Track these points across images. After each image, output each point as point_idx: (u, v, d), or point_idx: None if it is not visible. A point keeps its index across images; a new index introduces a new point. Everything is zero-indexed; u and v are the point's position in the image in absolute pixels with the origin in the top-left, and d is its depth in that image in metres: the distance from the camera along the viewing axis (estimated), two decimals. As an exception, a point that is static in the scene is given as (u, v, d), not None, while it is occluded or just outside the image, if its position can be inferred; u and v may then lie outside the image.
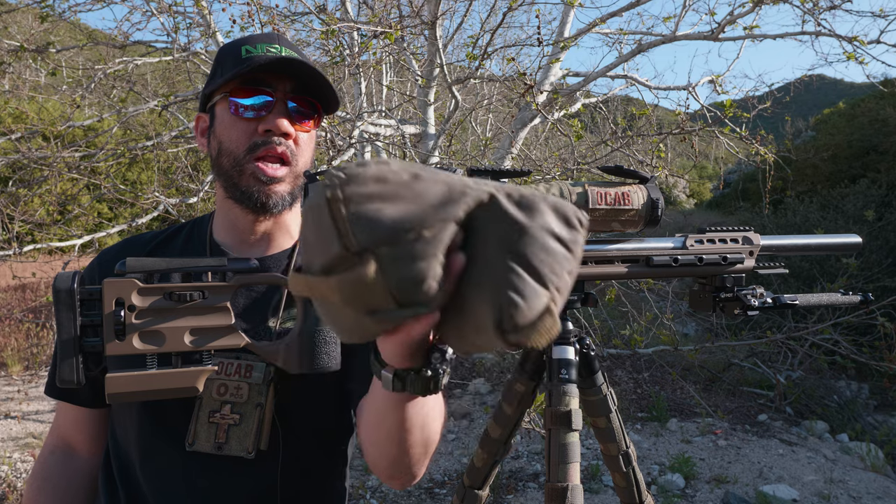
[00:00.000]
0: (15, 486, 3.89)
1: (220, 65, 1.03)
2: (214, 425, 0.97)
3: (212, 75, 1.05)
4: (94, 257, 1.11)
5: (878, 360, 4.92)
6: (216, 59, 1.06)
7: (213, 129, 1.03)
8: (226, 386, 0.97)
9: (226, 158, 1.01)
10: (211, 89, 1.03)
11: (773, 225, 8.97)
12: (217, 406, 0.97)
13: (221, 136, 1.01)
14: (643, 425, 4.84)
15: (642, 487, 1.10)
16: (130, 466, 1.02)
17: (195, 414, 0.97)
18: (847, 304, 1.14)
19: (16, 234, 4.80)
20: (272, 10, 4.22)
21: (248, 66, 0.95)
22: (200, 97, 1.08)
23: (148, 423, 1.00)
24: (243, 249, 1.07)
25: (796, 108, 8.91)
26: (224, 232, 1.08)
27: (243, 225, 1.05)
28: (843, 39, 4.40)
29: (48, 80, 6.36)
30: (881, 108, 12.13)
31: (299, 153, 1.02)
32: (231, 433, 0.97)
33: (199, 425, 0.97)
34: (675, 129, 4.34)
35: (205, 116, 1.07)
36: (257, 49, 1.00)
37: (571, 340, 1.05)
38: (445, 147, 4.92)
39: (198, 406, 0.98)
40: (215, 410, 0.97)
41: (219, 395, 0.97)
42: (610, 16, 4.86)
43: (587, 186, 0.97)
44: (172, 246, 1.10)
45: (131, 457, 1.02)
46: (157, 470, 0.99)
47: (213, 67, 1.06)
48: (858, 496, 3.68)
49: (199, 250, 1.07)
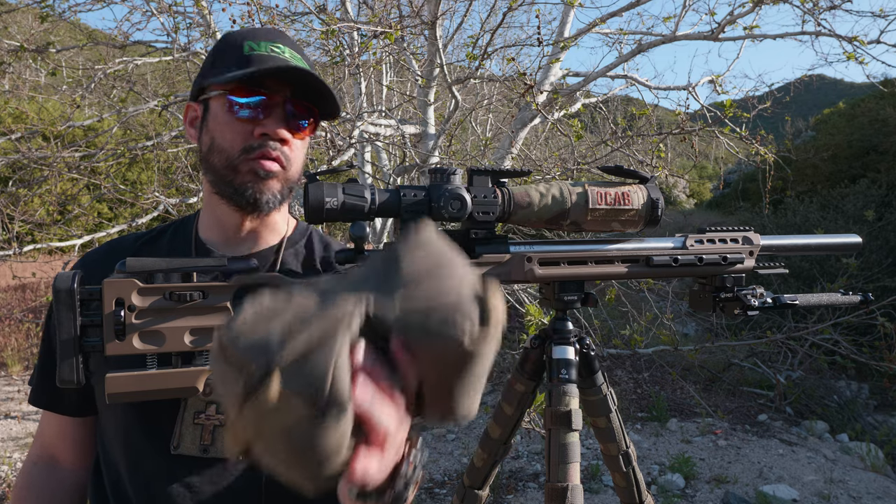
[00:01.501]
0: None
1: (220, 56, 0.99)
2: (200, 427, 0.95)
3: (209, 64, 1.01)
4: (77, 260, 1.08)
5: (878, 360, 4.92)
6: (215, 48, 1.01)
7: (205, 122, 1.00)
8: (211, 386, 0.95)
9: (217, 156, 0.98)
10: (208, 82, 0.98)
11: (773, 225, 8.97)
12: (202, 407, 0.95)
13: (215, 133, 0.98)
14: (643, 425, 4.84)
15: (642, 487, 1.10)
16: (120, 476, 0.99)
17: (180, 416, 0.95)
18: (847, 304, 1.14)
19: (16, 234, 4.80)
20: (272, 10, 4.22)
21: (251, 71, 0.92)
22: (193, 85, 1.03)
23: (133, 428, 0.97)
24: (229, 247, 1.05)
25: (796, 108, 8.91)
26: (210, 230, 1.06)
27: (230, 222, 1.04)
28: (843, 39, 4.40)
29: (48, 80, 6.36)
30: (881, 108, 12.13)
31: (293, 158, 1.00)
32: (216, 434, 0.95)
33: (185, 427, 0.95)
34: (675, 129, 4.34)
35: (196, 106, 1.03)
36: (260, 47, 0.97)
37: (571, 340, 1.06)
38: (445, 147, 4.92)
39: (183, 407, 0.95)
40: (200, 411, 0.95)
41: (204, 396, 0.95)
42: (610, 16, 4.86)
43: (587, 186, 0.97)
44: (158, 246, 1.08)
45: (119, 466, 0.99)
46: (143, 476, 0.96)
47: (212, 56, 1.01)
48: (858, 496, 3.68)
49: (185, 249, 1.05)
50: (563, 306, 1.04)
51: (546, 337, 1.07)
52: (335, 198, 0.84)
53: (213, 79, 0.97)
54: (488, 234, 0.94)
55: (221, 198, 1.00)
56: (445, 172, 0.90)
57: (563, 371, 1.01)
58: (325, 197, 0.83)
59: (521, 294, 5.05)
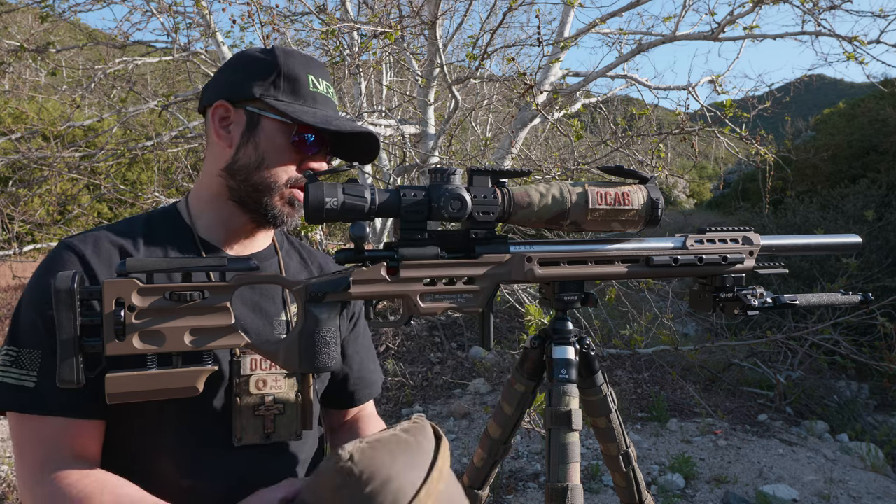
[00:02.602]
0: (15, 486, 3.88)
1: (278, 74, 1.01)
2: (261, 417, 1.02)
3: (259, 75, 1.01)
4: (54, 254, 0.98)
5: (878, 360, 4.91)
6: (270, 62, 1.01)
7: (254, 136, 1.01)
8: (264, 380, 1.03)
9: (260, 174, 1.01)
10: (266, 99, 1.00)
11: (773, 225, 8.96)
12: (259, 400, 1.02)
13: (266, 153, 1.01)
14: (643, 425, 4.84)
15: (642, 487, 1.10)
16: (162, 479, 0.96)
17: (237, 412, 1.00)
18: (847, 304, 1.14)
19: (16, 234, 4.81)
20: (272, 10, 4.23)
21: (338, 131, 1.00)
22: (231, 86, 1.02)
23: (190, 433, 0.98)
24: (232, 247, 1.08)
25: (796, 108, 8.92)
26: (211, 229, 1.06)
27: (237, 225, 1.06)
28: (843, 39, 4.40)
29: (48, 80, 6.36)
30: (881, 108, 12.13)
31: None
32: (277, 422, 1.04)
33: (245, 420, 1.01)
34: (675, 129, 4.35)
35: (234, 110, 1.02)
36: (320, 86, 1.05)
37: (571, 340, 1.06)
38: (445, 147, 4.92)
39: (237, 404, 1.00)
40: (258, 404, 1.02)
41: (258, 390, 1.02)
42: (610, 16, 4.86)
43: (587, 186, 0.97)
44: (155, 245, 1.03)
45: (162, 468, 0.97)
46: (201, 472, 0.98)
47: (264, 67, 1.01)
48: (858, 496, 3.68)
49: (190, 249, 1.04)
50: (563, 306, 1.04)
51: (546, 337, 1.07)
52: (335, 198, 0.84)
53: (285, 105, 1.00)
54: (488, 234, 0.94)
55: (239, 205, 1.04)
56: (445, 172, 0.90)
57: (563, 371, 1.01)
58: (325, 197, 0.83)
59: (521, 294, 5.05)
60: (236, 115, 1.02)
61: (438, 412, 5.12)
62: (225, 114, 1.03)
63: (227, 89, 1.03)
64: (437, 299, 0.91)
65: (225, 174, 1.03)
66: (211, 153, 1.06)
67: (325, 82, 1.07)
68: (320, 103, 1.04)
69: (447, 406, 5.21)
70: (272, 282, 0.91)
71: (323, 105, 1.04)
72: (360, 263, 0.88)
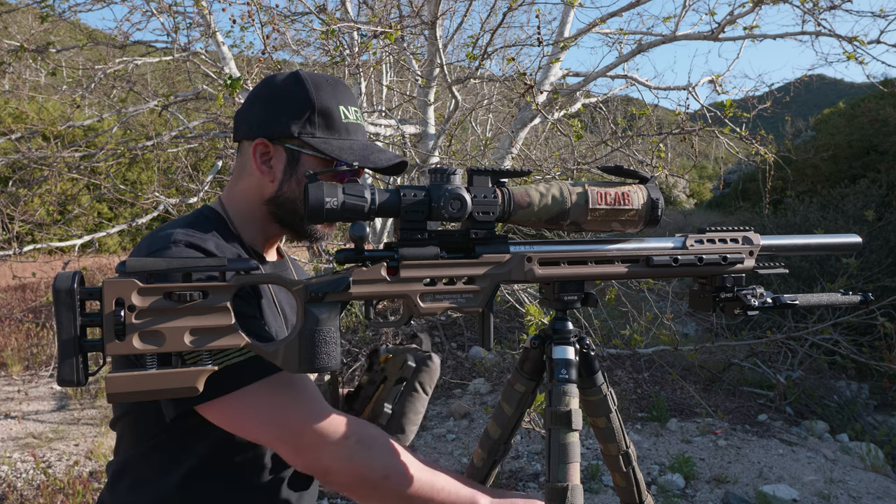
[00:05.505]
0: (15, 486, 3.87)
1: (312, 111, 1.06)
2: None
3: (294, 114, 1.05)
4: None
5: (878, 360, 4.91)
6: (303, 98, 1.06)
7: (295, 172, 1.07)
8: None
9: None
10: (304, 137, 1.05)
11: (773, 225, 8.96)
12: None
13: None
14: (643, 425, 4.84)
15: (642, 487, 1.10)
16: (243, 482, 1.06)
17: None
18: (847, 304, 1.14)
19: (16, 234, 4.80)
20: (272, 10, 4.23)
21: (369, 164, 1.05)
22: (268, 124, 1.07)
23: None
24: (269, 255, 1.20)
25: (796, 108, 8.90)
26: (256, 240, 1.14)
27: (274, 238, 1.17)
28: (843, 39, 4.40)
29: (48, 80, 6.36)
30: (881, 108, 12.13)
31: None
32: None
33: None
34: (675, 129, 4.35)
35: (273, 147, 1.07)
36: (350, 114, 1.10)
37: (571, 340, 1.06)
38: (445, 147, 4.92)
39: None
40: None
41: None
42: (610, 16, 4.86)
43: (587, 186, 0.97)
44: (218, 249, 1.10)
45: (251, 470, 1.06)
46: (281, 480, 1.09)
47: (298, 104, 1.06)
48: (858, 496, 3.68)
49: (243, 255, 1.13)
50: (563, 306, 1.04)
51: (546, 337, 1.07)
52: (335, 198, 0.84)
53: (323, 144, 1.06)
54: (488, 234, 0.94)
55: (281, 226, 1.13)
56: (445, 172, 0.91)
57: (563, 371, 1.01)
58: (325, 197, 0.83)
59: (521, 294, 5.05)
60: (276, 152, 1.08)
61: (438, 412, 5.12)
62: (265, 150, 1.08)
63: (264, 127, 1.08)
64: (437, 299, 0.91)
65: (271, 204, 1.10)
66: (251, 182, 1.10)
67: (353, 109, 1.12)
68: (353, 133, 1.10)
69: (447, 406, 5.21)
70: (272, 282, 0.91)
71: (355, 133, 1.11)
72: (360, 263, 0.88)
